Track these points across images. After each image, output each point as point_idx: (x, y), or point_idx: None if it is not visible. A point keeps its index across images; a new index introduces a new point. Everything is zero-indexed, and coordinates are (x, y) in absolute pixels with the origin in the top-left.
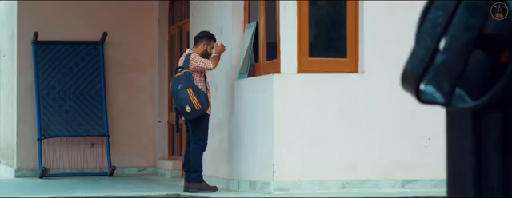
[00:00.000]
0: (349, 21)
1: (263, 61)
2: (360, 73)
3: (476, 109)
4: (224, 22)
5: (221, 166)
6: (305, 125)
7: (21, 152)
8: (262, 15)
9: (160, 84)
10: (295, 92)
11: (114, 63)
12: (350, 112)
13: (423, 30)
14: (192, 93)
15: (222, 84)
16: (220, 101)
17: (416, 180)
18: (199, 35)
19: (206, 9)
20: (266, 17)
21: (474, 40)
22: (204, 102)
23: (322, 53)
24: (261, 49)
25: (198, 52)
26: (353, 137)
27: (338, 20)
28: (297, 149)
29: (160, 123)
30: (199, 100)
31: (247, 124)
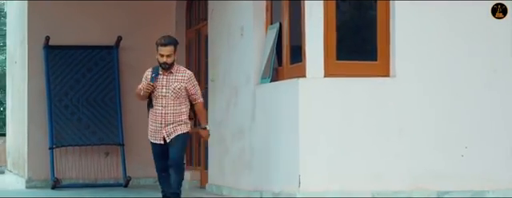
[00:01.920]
0: (379, 22)
1: (287, 64)
2: (391, 76)
3: None
4: (245, 24)
5: (242, 176)
6: (332, 133)
7: (32, 161)
8: (285, 16)
9: None
10: (322, 97)
11: (128, 68)
12: (379, 118)
13: None
14: None
15: (243, 89)
16: (240, 107)
17: (451, 191)
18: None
19: (226, 11)
20: (289, 17)
21: None
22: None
23: (351, 55)
24: (284, 51)
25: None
26: (382, 145)
27: (367, 20)
28: (323, 158)
29: None
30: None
31: (270, 131)
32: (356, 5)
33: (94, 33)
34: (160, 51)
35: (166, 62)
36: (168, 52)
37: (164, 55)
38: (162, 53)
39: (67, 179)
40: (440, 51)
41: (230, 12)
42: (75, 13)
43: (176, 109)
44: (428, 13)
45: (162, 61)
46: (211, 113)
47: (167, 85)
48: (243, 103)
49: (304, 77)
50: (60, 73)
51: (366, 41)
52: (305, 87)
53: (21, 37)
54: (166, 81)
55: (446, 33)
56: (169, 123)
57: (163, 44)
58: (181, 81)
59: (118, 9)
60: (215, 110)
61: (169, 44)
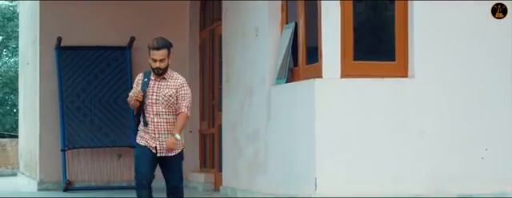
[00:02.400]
0: (397, 21)
1: (303, 64)
2: (410, 77)
3: None
4: (260, 24)
5: (256, 179)
6: (349, 135)
7: (44, 163)
8: (301, 15)
9: (191, 91)
10: (339, 98)
11: (141, 69)
12: (398, 119)
13: None
14: None
15: (258, 90)
16: (255, 109)
17: (472, 194)
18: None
19: (240, 11)
20: (305, 17)
21: None
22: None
23: (368, 55)
24: (300, 51)
25: None
26: (401, 147)
27: (385, 20)
28: (341, 160)
29: (191, 133)
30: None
31: (286, 133)
32: (373, 4)
33: (106, 33)
34: (152, 55)
35: (159, 68)
36: (161, 56)
37: (157, 60)
38: (154, 57)
39: (79, 181)
40: (459, 51)
41: (244, 12)
42: (87, 14)
43: (169, 118)
44: (446, 12)
45: (155, 67)
46: (225, 115)
47: (158, 92)
48: (258, 104)
49: (320, 78)
50: (72, 74)
51: (383, 40)
52: (321, 88)
53: (33, 37)
54: (157, 87)
55: (464, 33)
56: (162, 133)
57: (156, 48)
58: (172, 87)
59: (131, 10)
60: (229, 111)
61: (162, 47)
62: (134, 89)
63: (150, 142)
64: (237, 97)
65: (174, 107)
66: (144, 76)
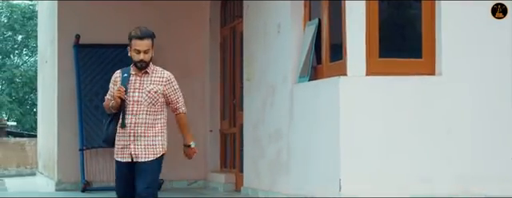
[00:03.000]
0: (424, 17)
1: (326, 62)
2: (437, 75)
3: None
4: (282, 21)
5: (278, 179)
6: (374, 134)
7: (61, 163)
8: (324, 11)
9: (211, 90)
10: (364, 96)
11: (162, 67)
12: (425, 118)
13: None
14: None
15: (280, 88)
16: (277, 107)
17: (500, 195)
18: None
19: (262, 7)
20: (329, 13)
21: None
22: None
23: (394, 52)
24: (324, 49)
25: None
26: (428, 147)
27: (411, 16)
28: (366, 161)
29: (211, 132)
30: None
31: (309, 132)
32: (400, 1)
33: (125, 31)
34: (135, 46)
35: (143, 60)
36: (145, 47)
37: (141, 51)
38: (138, 48)
39: (97, 181)
40: (487, 48)
41: (266, 8)
42: (106, 11)
43: (149, 119)
44: (474, 9)
45: (139, 59)
46: (247, 114)
47: (141, 88)
48: (280, 103)
49: (345, 76)
50: (90, 72)
51: (410, 37)
52: (346, 86)
53: (51, 36)
54: (139, 83)
55: (492, 30)
56: (139, 136)
57: (139, 37)
58: (158, 83)
59: (150, 7)
60: (251, 111)
61: (146, 37)
62: (111, 89)
63: (125, 151)
64: (258, 95)
65: (157, 106)
66: (122, 72)
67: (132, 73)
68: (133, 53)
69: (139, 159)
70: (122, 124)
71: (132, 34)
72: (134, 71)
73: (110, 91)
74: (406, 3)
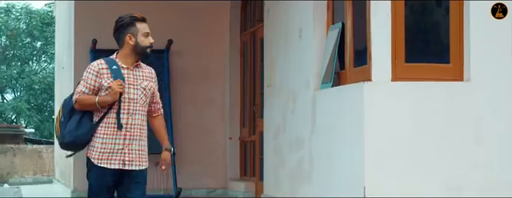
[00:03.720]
0: (452, 21)
1: (350, 67)
2: (465, 80)
3: None
4: (304, 25)
5: (300, 188)
6: (401, 141)
7: (77, 171)
8: (348, 15)
9: (231, 97)
10: (389, 102)
11: (180, 74)
12: (453, 125)
13: None
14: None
15: (302, 94)
16: (299, 115)
17: None
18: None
19: (283, 11)
20: (353, 17)
21: None
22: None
23: (421, 57)
24: (347, 53)
25: (121, 54)
26: (457, 155)
27: (439, 19)
28: (391, 169)
29: (231, 140)
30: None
31: (332, 140)
32: (427, 2)
33: None
34: (144, 29)
35: (152, 43)
36: (149, 29)
37: (149, 34)
38: (147, 30)
39: None
40: None
41: (287, 12)
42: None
43: (142, 120)
44: (508, 12)
45: (150, 42)
46: (267, 121)
47: (135, 84)
48: (302, 110)
49: (370, 81)
50: None
51: (437, 42)
52: (371, 92)
53: (68, 40)
54: (134, 78)
55: None
56: (134, 139)
57: (143, 19)
58: (149, 79)
59: (168, 12)
60: (271, 118)
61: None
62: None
63: (116, 156)
64: (279, 102)
65: (147, 105)
66: (108, 63)
67: (123, 66)
68: (141, 38)
69: (133, 166)
70: (119, 125)
71: (133, 17)
72: (125, 64)
73: (89, 84)
74: (432, 5)
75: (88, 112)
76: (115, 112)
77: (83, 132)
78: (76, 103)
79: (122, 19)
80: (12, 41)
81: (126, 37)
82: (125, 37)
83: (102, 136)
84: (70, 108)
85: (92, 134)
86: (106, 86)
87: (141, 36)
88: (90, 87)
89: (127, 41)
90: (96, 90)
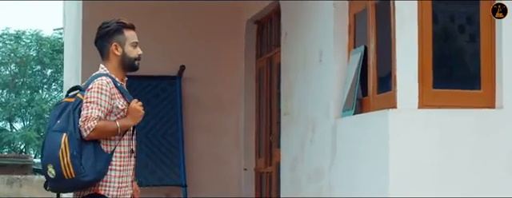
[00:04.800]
0: (483, 45)
1: (374, 93)
2: (497, 108)
3: None
4: (324, 48)
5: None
6: (427, 172)
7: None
8: (371, 37)
9: (246, 125)
10: (416, 131)
11: (192, 101)
12: (484, 156)
13: None
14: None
15: (321, 123)
16: (318, 144)
17: None
18: (100, 34)
19: (302, 34)
20: (376, 39)
21: None
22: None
23: (450, 83)
24: (370, 79)
25: (109, 68)
26: (487, 188)
27: (469, 43)
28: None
29: (246, 171)
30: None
31: (354, 171)
32: (456, 25)
33: (153, 61)
34: (132, 38)
35: (141, 55)
36: (137, 39)
37: (137, 44)
38: (136, 39)
39: None
40: None
41: (306, 35)
42: None
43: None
44: None
45: (138, 54)
46: (284, 151)
47: None
48: (321, 139)
49: (395, 109)
50: None
51: (467, 66)
52: (396, 120)
53: (75, 67)
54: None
55: None
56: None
57: (132, 26)
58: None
59: (181, 35)
60: (289, 148)
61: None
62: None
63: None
64: (297, 131)
65: None
66: (113, 81)
67: (121, 83)
68: (129, 48)
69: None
70: (131, 152)
71: (121, 23)
72: (119, 79)
73: (104, 106)
74: (462, 28)
75: (95, 140)
76: (128, 139)
77: (103, 165)
78: (93, 131)
79: (107, 25)
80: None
81: (112, 47)
82: (110, 47)
83: (119, 167)
84: (77, 138)
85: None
86: (120, 108)
87: (129, 46)
88: (105, 110)
89: (113, 51)
90: (107, 114)
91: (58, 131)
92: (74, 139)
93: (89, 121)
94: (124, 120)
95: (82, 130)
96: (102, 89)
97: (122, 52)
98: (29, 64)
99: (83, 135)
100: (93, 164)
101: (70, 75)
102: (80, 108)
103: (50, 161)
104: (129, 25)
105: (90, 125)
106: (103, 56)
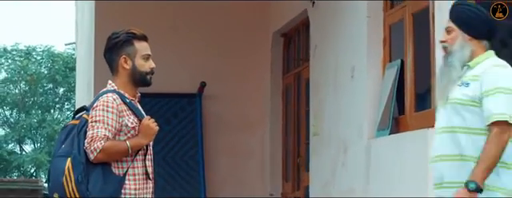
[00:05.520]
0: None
1: (411, 111)
2: None
3: None
4: (356, 63)
5: None
6: None
7: None
8: (408, 51)
9: (272, 147)
10: None
11: (214, 121)
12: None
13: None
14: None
15: (354, 143)
16: (351, 167)
17: None
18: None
19: (332, 48)
20: (414, 53)
21: None
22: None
23: None
24: (407, 96)
25: (118, 83)
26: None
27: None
28: None
29: (272, 196)
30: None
31: (389, 195)
32: (501, 35)
33: (171, 77)
34: (144, 50)
35: (154, 69)
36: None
37: (150, 57)
38: (148, 51)
39: None
40: None
41: (337, 48)
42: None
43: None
44: None
45: (151, 67)
46: (314, 175)
47: None
48: (354, 162)
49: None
50: None
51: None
52: None
53: (87, 84)
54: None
55: None
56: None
57: (143, 37)
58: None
59: (202, 50)
60: (318, 171)
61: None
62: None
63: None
64: (328, 153)
65: None
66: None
67: (132, 99)
68: (139, 61)
69: None
70: (148, 174)
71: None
72: (132, 95)
73: (111, 125)
74: (504, 41)
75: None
76: (141, 160)
77: (114, 189)
78: (101, 152)
79: (116, 36)
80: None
81: (121, 60)
82: (119, 60)
83: (134, 191)
84: (82, 162)
85: None
86: (130, 126)
87: (139, 58)
88: (113, 129)
89: (122, 64)
90: (116, 133)
91: (63, 156)
92: (79, 163)
93: (95, 142)
94: (135, 139)
95: (89, 152)
96: (107, 107)
97: (132, 65)
98: (40, 82)
99: (90, 157)
100: (101, 189)
101: (82, 94)
102: (85, 130)
103: (55, 189)
104: (140, 35)
105: (97, 146)
106: (112, 70)
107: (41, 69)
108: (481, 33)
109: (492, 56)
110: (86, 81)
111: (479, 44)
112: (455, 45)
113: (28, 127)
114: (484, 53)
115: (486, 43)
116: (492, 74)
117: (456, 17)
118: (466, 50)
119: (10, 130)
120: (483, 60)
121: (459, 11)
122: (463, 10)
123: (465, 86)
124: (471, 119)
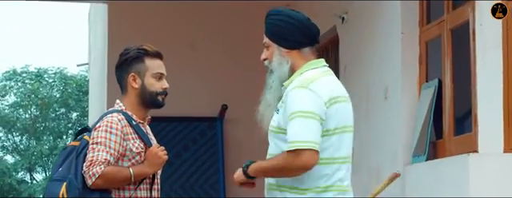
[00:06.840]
0: None
1: (450, 135)
2: None
3: None
4: (390, 83)
5: None
6: None
7: None
8: (446, 70)
9: None
10: (502, 179)
11: (236, 146)
12: None
13: None
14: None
15: (388, 171)
16: (385, 195)
17: None
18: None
19: (364, 67)
20: (453, 71)
21: None
22: None
23: None
24: (446, 119)
25: (127, 103)
26: None
27: None
28: None
29: None
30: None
31: None
32: None
33: (191, 100)
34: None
35: (166, 89)
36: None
37: (163, 76)
38: (161, 70)
39: None
40: None
41: (369, 68)
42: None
43: None
44: None
45: (164, 87)
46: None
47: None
48: (388, 190)
49: (476, 153)
50: None
51: None
52: (478, 166)
53: (100, 106)
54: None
55: None
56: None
57: (156, 54)
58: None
59: (224, 71)
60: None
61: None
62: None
63: None
64: (359, 181)
65: None
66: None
67: (139, 121)
68: (150, 80)
69: None
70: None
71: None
72: (138, 118)
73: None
74: None
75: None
76: (146, 189)
77: None
78: (100, 177)
79: (126, 52)
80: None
81: (129, 78)
82: (127, 78)
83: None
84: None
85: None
86: (135, 152)
87: (150, 77)
88: (115, 153)
89: (130, 82)
90: (119, 157)
91: (59, 180)
92: (74, 188)
93: (94, 166)
94: (140, 167)
95: (87, 177)
96: (111, 128)
97: (141, 84)
98: (51, 106)
99: (88, 183)
100: None
101: (95, 118)
102: (85, 153)
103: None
104: (152, 52)
105: (96, 171)
106: (122, 89)
107: (52, 93)
108: (298, 42)
109: (308, 68)
110: (99, 104)
111: (299, 55)
112: (273, 61)
113: (39, 154)
114: (302, 66)
115: (308, 50)
116: (290, 98)
117: (267, 30)
118: (284, 66)
119: (19, 157)
120: (296, 76)
121: (270, 23)
122: (273, 22)
123: (276, 113)
124: (284, 147)
